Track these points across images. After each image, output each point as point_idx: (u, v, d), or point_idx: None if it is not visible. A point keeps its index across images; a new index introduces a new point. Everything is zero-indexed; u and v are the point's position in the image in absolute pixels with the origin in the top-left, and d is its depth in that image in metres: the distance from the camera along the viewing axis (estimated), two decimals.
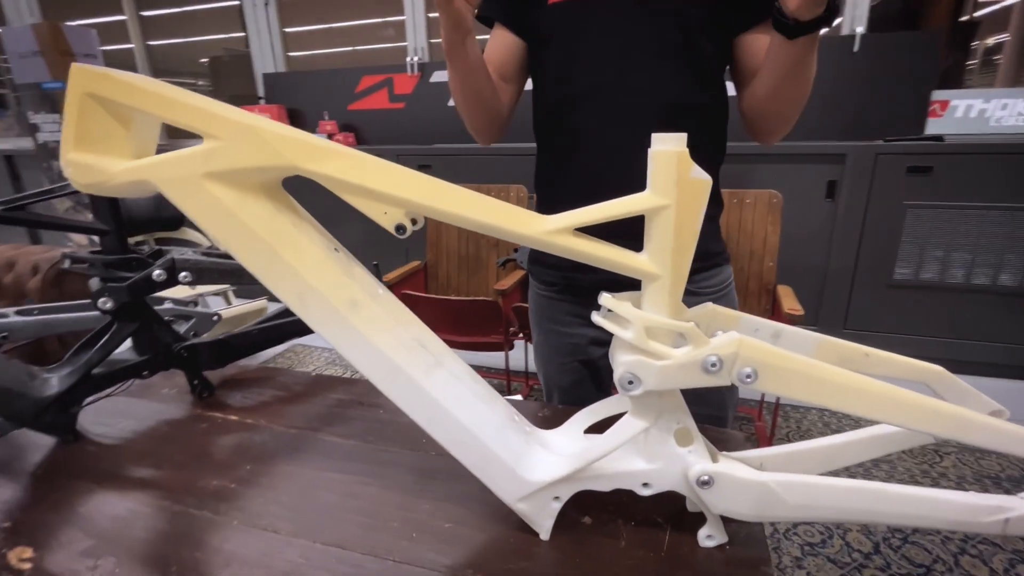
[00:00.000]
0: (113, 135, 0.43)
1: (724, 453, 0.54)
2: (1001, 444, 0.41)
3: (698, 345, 0.41)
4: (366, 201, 0.42)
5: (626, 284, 0.45)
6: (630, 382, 0.43)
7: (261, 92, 3.26)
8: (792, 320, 1.32)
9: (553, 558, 0.48)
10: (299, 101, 3.06)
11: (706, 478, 0.45)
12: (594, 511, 0.53)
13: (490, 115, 0.78)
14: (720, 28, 0.71)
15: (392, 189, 0.41)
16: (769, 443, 1.67)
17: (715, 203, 0.80)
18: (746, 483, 0.44)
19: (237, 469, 0.61)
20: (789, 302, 1.36)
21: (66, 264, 0.68)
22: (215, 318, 0.97)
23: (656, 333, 0.43)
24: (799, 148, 2.00)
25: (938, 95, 2.12)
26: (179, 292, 1.28)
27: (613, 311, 0.45)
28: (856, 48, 2.07)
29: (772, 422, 1.72)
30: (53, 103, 2.93)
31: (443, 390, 0.46)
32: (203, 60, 4.22)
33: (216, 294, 2.28)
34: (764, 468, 0.54)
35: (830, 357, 0.51)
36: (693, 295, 0.78)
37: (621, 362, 0.43)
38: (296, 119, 3.10)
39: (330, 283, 0.44)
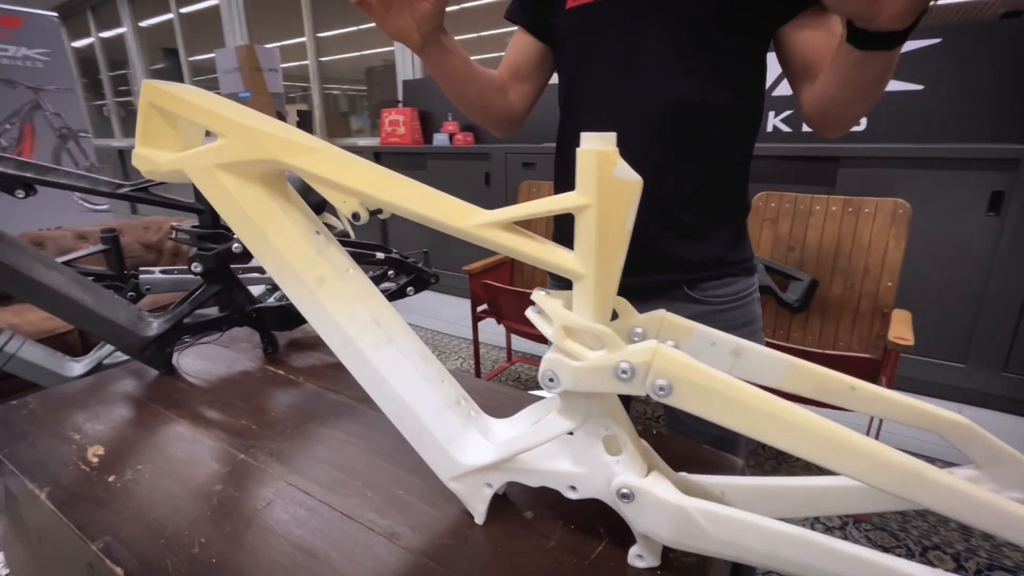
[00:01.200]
0: (165, 134, 0.55)
1: (684, 474, 0.50)
2: (1002, 528, 0.33)
3: (612, 350, 0.40)
4: (330, 191, 0.48)
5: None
6: (550, 379, 0.43)
7: (400, 96, 3.62)
8: (900, 350, 1.11)
9: (480, 543, 0.49)
10: (430, 104, 3.33)
11: (627, 491, 0.43)
12: (540, 508, 0.53)
13: (486, 114, 0.80)
14: (745, 23, 0.64)
15: (347, 181, 0.46)
16: None
17: (733, 210, 0.72)
18: (665, 504, 0.41)
19: (267, 414, 0.72)
20: (899, 329, 1.14)
21: (173, 235, 0.86)
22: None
23: (579, 334, 0.42)
24: (953, 151, 1.64)
25: None
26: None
27: (542, 308, 0.45)
28: None
29: None
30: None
31: (389, 365, 0.50)
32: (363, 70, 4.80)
33: None
34: (724, 498, 0.49)
35: (803, 384, 0.45)
36: (699, 303, 0.72)
37: (544, 358, 0.43)
38: (425, 120, 3.38)
39: (303, 261, 0.51)
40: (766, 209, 1.53)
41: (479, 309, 1.95)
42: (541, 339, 1.88)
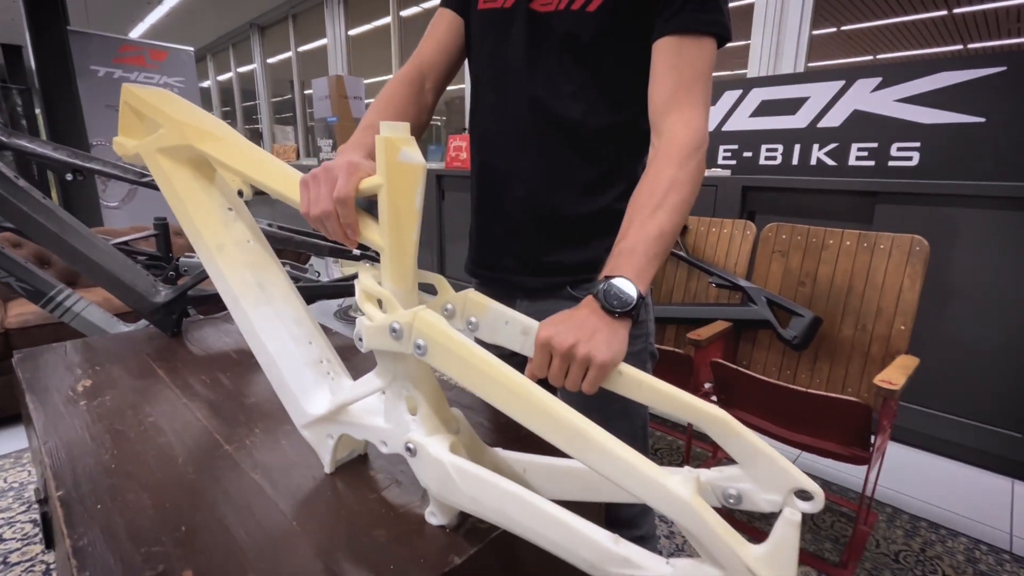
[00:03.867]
0: (135, 127, 0.69)
1: (499, 449, 0.53)
2: (617, 476, 0.34)
3: (391, 312, 0.46)
4: (224, 171, 0.59)
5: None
6: (359, 339, 0.49)
7: (467, 124, 3.86)
8: (885, 395, 1.00)
9: (318, 486, 0.56)
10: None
11: (411, 446, 0.47)
12: (385, 472, 0.59)
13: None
14: (623, 47, 0.66)
15: (234, 163, 0.57)
16: (858, 556, 1.21)
17: (618, 218, 0.72)
18: (432, 459, 0.45)
19: (252, 386, 0.84)
20: (889, 373, 1.03)
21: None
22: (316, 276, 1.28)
23: (378, 298, 0.48)
24: (1005, 190, 1.45)
25: None
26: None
27: (360, 276, 0.51)
28: None
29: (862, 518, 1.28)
30: (331, 132, 4.00)
31: (263, 323, 0.59)
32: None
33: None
34: (526, 474, 0.52)
35: None
36: (578, 301, 0.73)
37: (357, 321, 0.50)
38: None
39: (209, 229, 0.61)
40: (776, 241, 1.46)
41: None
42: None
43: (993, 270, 1.53)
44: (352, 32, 5.76)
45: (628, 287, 0.51)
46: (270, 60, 7.46)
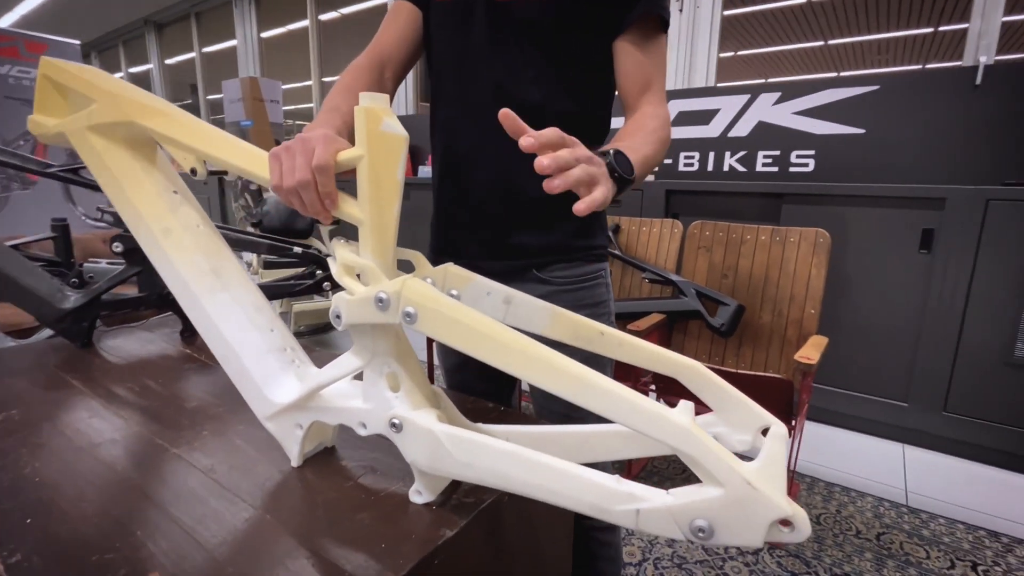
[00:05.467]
0: (56, 104, 0.62)
1: (480, 424, 0.54)
2: (620, 414, 0.35)
3: (374, 283, 0.45)
4: (173, 148, 0.55)
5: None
6: (337, 316, 0.48)
7: None
8: (803, 370, 1.13)
9: (286, 480, 0.53)
10: (419, 139, 3.50)
11: (396, 421, 0.47)
12: (356, 460, 0.57)
13: None
14: (582, 37, 0.71)
15: (188, 139, 0.53)
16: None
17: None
18: (423, 431, 0.45)
19: (163, 385, 0.76)
20: (807, 350, 1.16)
21: (99, 215, 0.93)
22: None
23: (357, 271, 0.47)
24: (887, 190, 1.70)
25: None
26: None
27: (335, 251, 0.50)
28: (979, 80, 1.73)
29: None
30: (244, 137, 3.77)
31: (219, 310, 0.55)
32: None
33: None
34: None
35: (564, 330, 0.49)
36: (545, 283, 0.76)
37: (333, 298, 0.48)
38: (413, 153, 3.55)
39: (153, 213, 0.57)
40: (701, 237, 1.59)
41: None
42: None
43: (879, 259, 1.76)
44: (265, 35, 5.49)
45: (629, 166, 0.56)
46: (169, 61, 6.91)
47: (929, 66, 3.38)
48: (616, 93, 0.76)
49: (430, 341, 1.96)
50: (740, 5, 2.79)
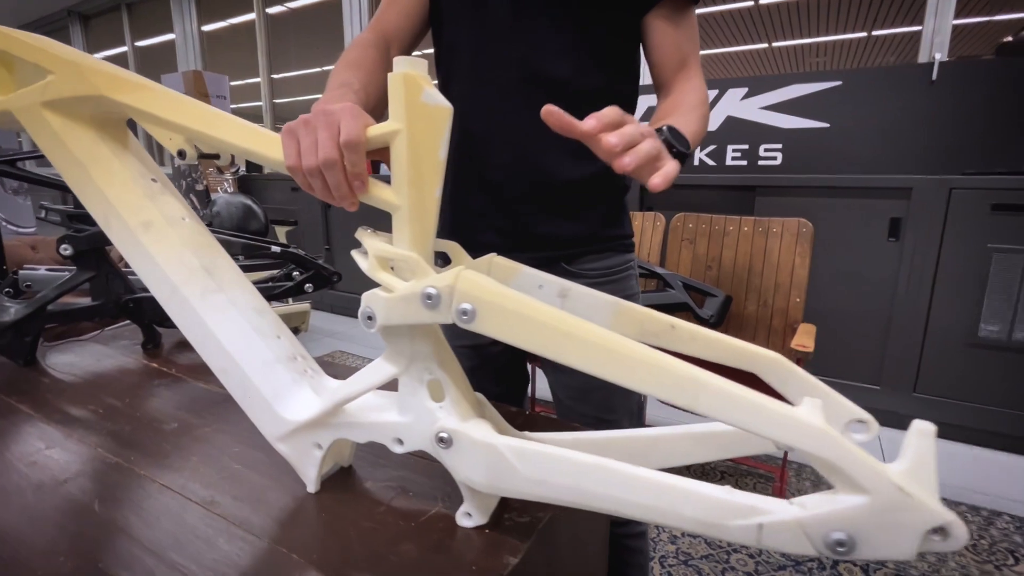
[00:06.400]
0: (1, 79, 0.52)
1: (527, 432, 0.48)
2: (740, 417, 0.31)
3: (420, 277, 0.39)
4: (158, 128, 0.46)
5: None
6: (369, 317, 0.41)
7: None
8: (800, 357, 1.14)
9: (306, 509, 0.45)
10: None
11: (445, 435, 0.41)
12: (380, 479, 0.50)
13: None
14: (614, 10, 0.68)
15: (174, 117, 0.45)
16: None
17: (611, 188, 0.73)
18: (479, 445, 0.39)
19: (128, 403, 0.66)
20: (801, 338, 1.18)
21: (42, 214, 0.81)
22: None
23: (395, 265, 0.41)
24: (856, 181, 1.77)
25: None
26: None
27: (362, 243, 0.43)
28: (935, 76, 1.83)
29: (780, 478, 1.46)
30: None
31: (215, 315, 0.47)
32: None
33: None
34: None
35: (630, 325, 0.45)
36: (574, 276, 0.72)
37: (363, 296, 0.41)
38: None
39: (129, 204, 0.48)
40: (684, 229, 1.59)
41: None
42: None
43: (850, 248, 1.82)
44: (206, 28, 5.17)
45: (685, 140, 0.52)
46: (98, 55, 6.42)
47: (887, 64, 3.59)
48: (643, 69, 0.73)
49: None
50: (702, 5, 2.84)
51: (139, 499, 0.46)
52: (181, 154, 0.46)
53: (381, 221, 0.44)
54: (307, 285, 0.99)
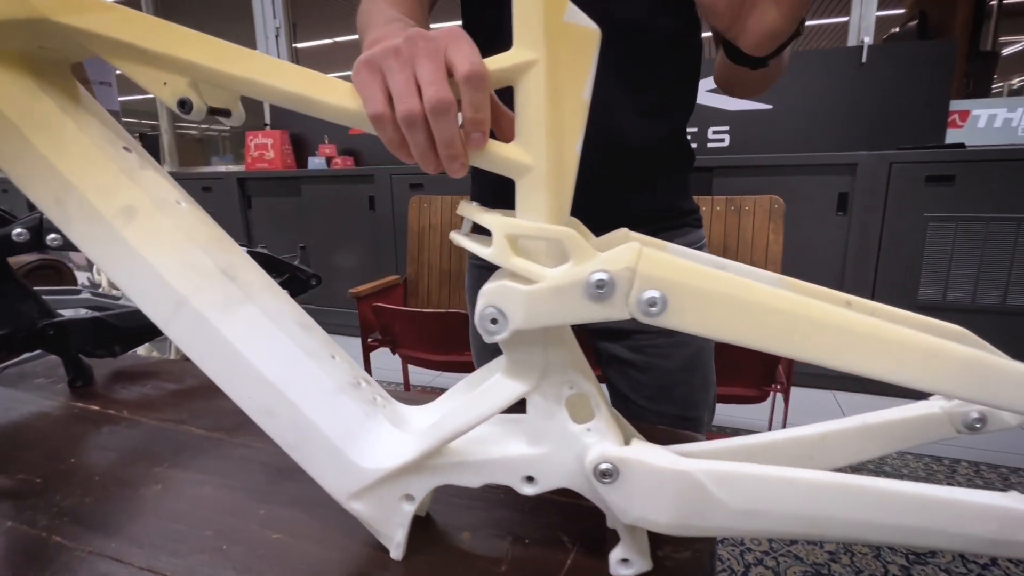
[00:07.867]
0: None
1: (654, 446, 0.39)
2: None
3: (580, 260, 0.29)
4: (141, 67, 0.32)
5: None
6: (493, 320, 0.30)
7: (268, 119, 3.32)
8: None
9: None
10: (303, 126, 3.10)
11: (607, 466, 0.31)
12: (478, 525, 0.39)
13: None
14: None
15: (168, 49, 0.31)
16: None
17: (682, 154, 0.67)
18: (663, 474, 0.30)
19: (63, 462, 0.49)
20: None
21: None
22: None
23: (529, 249, 0.31)
24: (805, 159, 1.87)
25: (957, 105, 1.99)
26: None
27: (476, 222, 0.32)
28: (864, 59, 1.97)
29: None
30: None
31: (246, 333, 0.33)
32: None
33: None
34: None
35: None
36: None
37: (481, 291, 0.30)
38: (297, 143, 3.13)
39: (98, 183, 0.33)
40: None
41: (369, 339, 1.75)
42: (444, 367, 1.73)
43: (803, 223, 1.91)
44: None
45: None
46: None
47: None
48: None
49: (369, 370, 1.70)
50: None
51: (30, 564, 0.32)
52: (184, 105, 0.31)
53: (352, 211, 0.33)
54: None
